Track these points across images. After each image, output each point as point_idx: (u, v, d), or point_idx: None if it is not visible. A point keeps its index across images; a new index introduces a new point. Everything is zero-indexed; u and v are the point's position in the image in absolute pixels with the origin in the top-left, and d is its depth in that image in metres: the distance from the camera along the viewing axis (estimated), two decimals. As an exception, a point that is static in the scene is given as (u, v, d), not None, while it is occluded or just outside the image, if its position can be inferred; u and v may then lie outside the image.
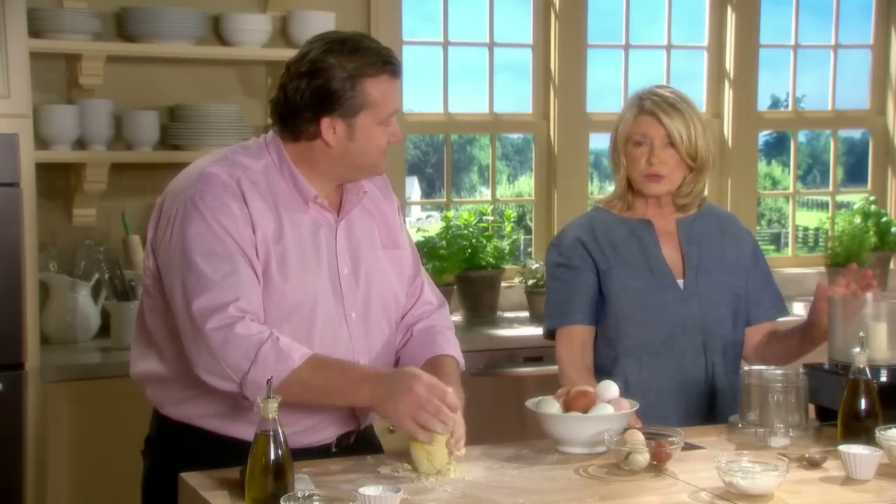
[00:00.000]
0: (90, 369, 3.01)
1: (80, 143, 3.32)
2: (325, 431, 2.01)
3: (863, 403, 1.98)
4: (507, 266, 3.83)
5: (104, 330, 3.28)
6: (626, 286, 2.35)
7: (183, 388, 1.98)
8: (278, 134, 2.00)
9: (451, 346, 2.11)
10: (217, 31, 3.49)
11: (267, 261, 1.93)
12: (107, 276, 3.25)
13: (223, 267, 1.87)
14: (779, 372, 2.11)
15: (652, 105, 2.34)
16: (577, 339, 2.38)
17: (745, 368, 2.13)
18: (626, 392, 2.13)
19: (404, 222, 2.19)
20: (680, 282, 2.37)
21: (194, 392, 1.96)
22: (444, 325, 2.15)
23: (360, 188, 2.05)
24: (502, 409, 3.24)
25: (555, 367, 3.40)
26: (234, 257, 1.89)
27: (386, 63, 1.95)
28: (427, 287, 2.18)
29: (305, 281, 1.96)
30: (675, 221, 2.42)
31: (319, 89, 1.92)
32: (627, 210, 2.42)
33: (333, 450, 2.02)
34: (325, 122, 1.94)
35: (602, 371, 2.34)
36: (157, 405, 2.05)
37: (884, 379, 2.11)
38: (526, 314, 3.77)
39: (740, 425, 2.09)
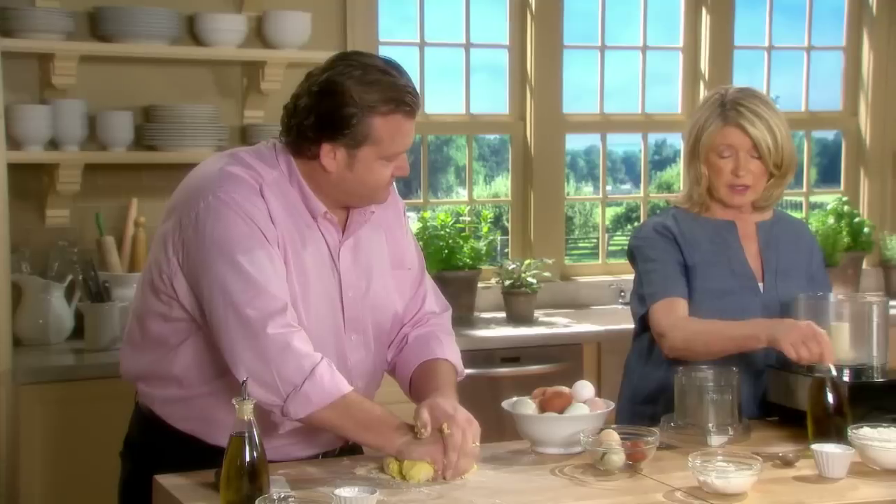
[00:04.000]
0: (64, 371, 2.99)
1: (53, 144, 3.29)
2: (313, 447, 1.99)
3: (830, 399, 1.99)
4: (484, 267, 3.83)
5: (78, 332, 3.25)
6: (707, 287, 2.29)
7: (179, 389, 1.94)
8: (286, 145, 1.94)
9: (447, 351, 2.07)
10: (192, 31, 3.47)
11: (287, 270, 1.88)
12: (80, 277, 3.23)
13: (266, 268, 1.83)
14: (713, 371, 2.10)
15: (737, 115, 2.26)
16: (681, 310, 2.26)
17: (680, 368, 2.12)
18: None
19: (409, 229, 2.13)
20: (760, 285, 2.34)
21: (190, 394, 1.93)
22: (443, 330, 2.11)
23: (366, 208, 1.98)
24: (479, 409, 3.22)
25: (532, 368, 3.44)
26: (273, 257, 1.85)
27: (401, 103, 1.86)
28: (431, 295, 2.13)
29: (317, 297, 1.93)
30: (756, 225, 2.38)
31: (327, 113, 1.85)
32: (706, 212, 2.37)
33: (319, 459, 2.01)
34: (326, 147, 1.88)
35: (669, 368, 2.24)
36: (146, 399, 2.00)
37: (846, 379, 2.13)
38: (503, 315, 3.78)
39: (673, 424, 2.09)
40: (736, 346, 2.22)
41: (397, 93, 1.87)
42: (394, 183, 1.99)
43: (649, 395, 2.35)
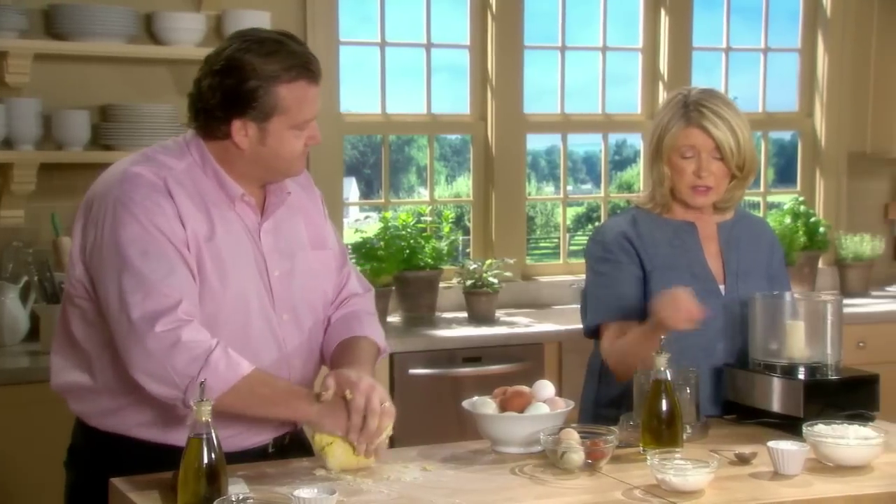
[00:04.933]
0: (18, 374, 2.95)
1: (8, 143, 3.25)
2: (261, 434, 2.00)
3: (664, 406, 1.97)
4: (446, 267, 3.83)
5: (33, 333, 3.21)
6: (662, 290, 2.25)
7: (113, 398, 1.93)
8: (196, 131, 1.96)
9: (368, 329, 2.09)
10: (150, 29, 3.44)
11: (200, 260, 1.89)
12: (36, 278, 3.19)
13: (161, 267, 1.84)
14: (672, 371, 2.07)
15: (699, 116, 2.27)
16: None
17: (639, 368, 2.12)
18: None
19: (327, 215, 2.16)
20: (721, 287, 2.34)
21: (126, 401, 1.92)
22: (365, 309, 2.13)
23: (283, 189, 2.02)
24: (441, 409, 3.25)
25: (493, 368, 3.45)
26: (170, 257, 1.85)
27: (303, 69, 1.89)
28: (353, 277, 2.17)
29: (240, 280, 1.93)
30: (716, 225, 2.39)
31: (232, 89, 1.87)
32: (667, 212, 2.37)
33: (270, 450, 2.01)
34: (237, 124, 1.90)
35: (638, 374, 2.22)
36: (83, 417, 2.00)
37: (801, 377, 2.16)
38: (464, 315, 3.78)
39: (632, 423, 2.10)
40: (639, 349, 2.19)
41: (298, 60, 1.90)
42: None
43: (614, 398, 2.35)
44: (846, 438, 1.94)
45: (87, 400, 1.97)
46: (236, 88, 1.87)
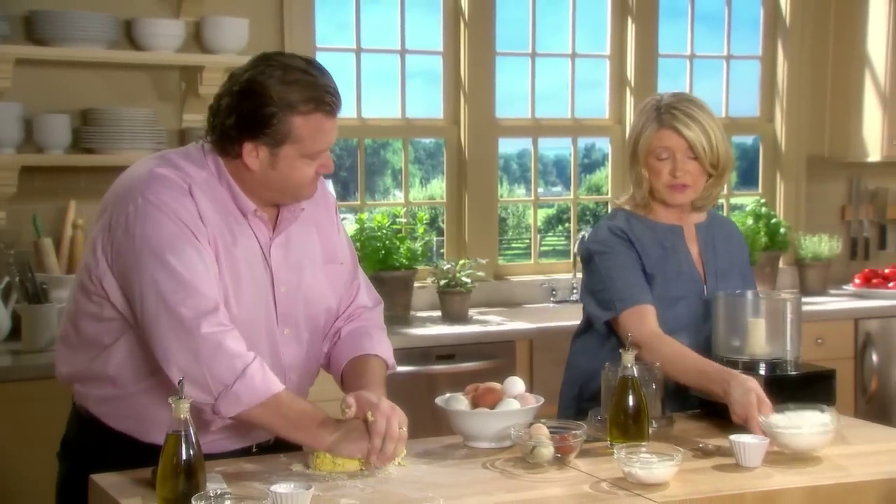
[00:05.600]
0: (2, 372, 2.91)
1: (-11, 146, 3.21)
2: (246, 438, 1.98)
3: (630, 402, 1.97)
4: (420, 267, 3.83)
5: (15, 333, 3.17)
6: (661, 294, 2.29)
7: (112, 388, 1.91)
8: (211, 144, 1.92)
9: (378, 346, 2.06)
10: (130, 35, 3.42)
11: (219, 266, 1.86)
12: (17, 279, 3.16)
13: (197, 266, 1.81)
14: (638, 367, 2.08)
15: (671, 119, 2.29)
16: (651, 320, 2.24)
17: (607, 364, 2.13)
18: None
19: (341, 224, 2.12)
20: (703, 288, 2.34)
21: (122, 392, 1.90)
22: (375, 325, 2.10)
23: (297, 205, 1.97)
24: (415, 405, 3.21)
25: (466, 365, 3.45)
26: (203, 256, 1.82)
27: (321, 102, 1.85)
28: (363, 289, 2.13)
29: (249, 293, 1.91)
30: (695, 226, 2.40)
31: (248, 113, 1.84)
32: (650, 213, 2.38)
33: (253, 451, 1.99)
34: (248, 146, 1.86)
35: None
36: (81, 399, 1.97)
37: (763, 373, 2.17)
38: (438, 313, 3.78)
39: (600, 418, 2.11)
40: (697, 386, 2.20)
41: (317, 92, 1.86)
42: (329, 182, 1.98)
43: (598, 392, 2.31)
44: (800, 427, 1.95)
45: (86, 386, 1.94)
46: (253, 113, 1.83)
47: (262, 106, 1.83)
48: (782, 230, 4.35)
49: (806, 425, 1.95)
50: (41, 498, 2.15)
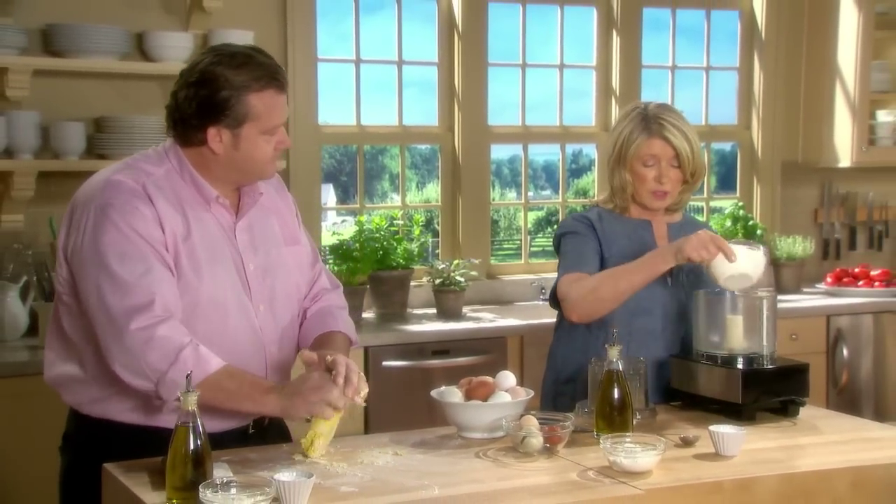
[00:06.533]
0: (19, 367, 2.90)
1: (8, 153, 3.21)
2: (235, 418, 1.97)
3: (616, 393, 1.98)
4: (416, 266, 3.83)
5: (32, 329, 3.17)
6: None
7: (101, 388, 1.92)
8: (174, 139, 1.96)
9: (341, 324, 2.10)
10: (141, 47, 3.41)
11: (177, 257, 1.89)
12: (35, 278, 3.15)
13: (137, 268, 1.83)
14: (623, 361, 2.07)
15: (660, 128, 2.32)
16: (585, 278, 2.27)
17: (593, 359, 2.13)
18: None
19: (299, 217, 2.17)
20: (668, 279, 2.36)
21: (113, 390, 1.90)
22: (336, 305, 2.14)
23: (255, 190, 2.02)
24: (412, 398, 3.24)
25: (460, 360, 3.44)
26: (147, 258, 1.84)
27: (272, 78, 1.90)
28: (324, 274, 2.17)
29: (216, 275, 1.92)
30: (667, 226, 2.42)
31: (206, 99, 1.88)
32: (626, 213, 2.41)
33: (251, 431, 2.00)
34: (212, 132, 1.90)
35: (590, 353, 2.23)
36: (75, 406, 1.98)
37: (740, 366, 2.17)
38: (433, 311, 3.78)
39: (586, 410, 2.11)
40: (644, 272, 2.22)
41: (266, 70, 1.91)
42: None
43: (570, 376, 2.37)
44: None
45: (78, 390, 1.96)
46: (210, 98, 1.88)
47: (218, 90, 1.87)
48: (759, 232, 4.35)
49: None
50: (57, 486, 2.13)
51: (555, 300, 2.36)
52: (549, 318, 2.58)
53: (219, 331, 1.90)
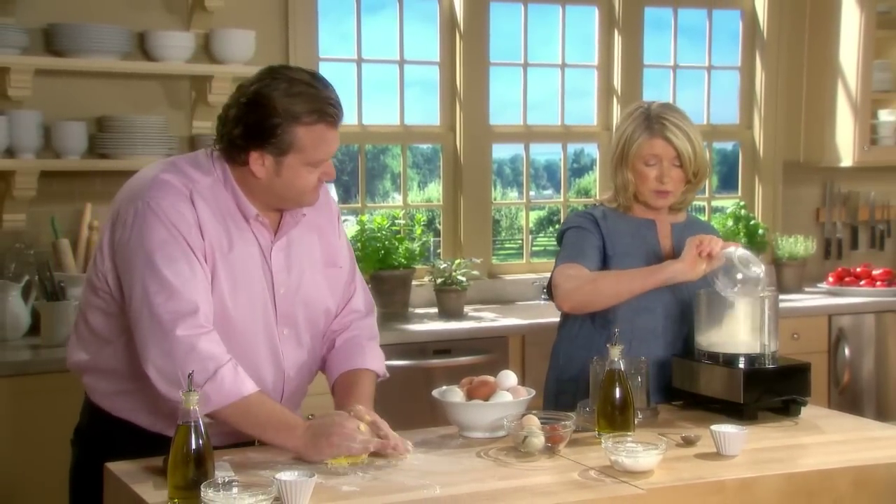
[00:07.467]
0: (20, 366, 2.90)
1: (10, 152, 3.21)
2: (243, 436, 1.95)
3: (617, 393, 1.98)
4: (418, 266, 3.83)
5: (34, 329, 3.17)
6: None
7: (119, 382, 1.92)
8: (220, 153, 1.92)
9: (370, 359, 2.05)
10: (143, 46, 3.41)
11: (214, 271, 1.86)
12: (37, 277, 3.15)
13: (183, 271, 1.81)
14: (624, 361, 2.07)
15: (662, 128, 2.31)
16: (582, 270, 2.28)
17: (595, 358, 2.13)
18: None
19: (342, 230, 2.12)
20: None
21: (129, 387, 1.90)
22: (367, 335, 2.09)
23: (298, 210, 1.97)
24: (413, 397, 3.24)
25: (462, 359, 3.44)
26: (191, 262, 1.82)
27: (323, 113, 1.86)
28: (360, 293, 2.12)
29: (249, 295, 1.91)
30: (670, 226, 2.42)
31: (254, 123, 1.84)
32: (630, 212, 2.41)
33: (257, 443, 1.98)
34: (254, 155, 1.86)
35: (593, 351, 2.22)
36: (90, 392, 1.98)
37: (742, 366, 2.17)
38: (435, 310, 3.77)
39: (588, 409, 2.11)
40: (642, 279, 2.24)
41: (320, 104, 1.86)
42: (332, 186, 1.98)
43: (573, 374, 2.37)
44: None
45: (97, 379, 1.95)
46: (259, 123, 1.84)
47: (268, 117, 1.83)
48: (760, 231, 4.35)
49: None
50: (59, 484, 2.14)
51: (550, 289, 2.37)
52: (551, 317, 2.58)
53: (242, 352, 1.88)
